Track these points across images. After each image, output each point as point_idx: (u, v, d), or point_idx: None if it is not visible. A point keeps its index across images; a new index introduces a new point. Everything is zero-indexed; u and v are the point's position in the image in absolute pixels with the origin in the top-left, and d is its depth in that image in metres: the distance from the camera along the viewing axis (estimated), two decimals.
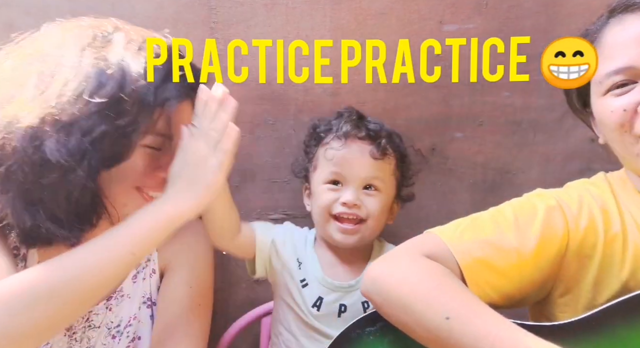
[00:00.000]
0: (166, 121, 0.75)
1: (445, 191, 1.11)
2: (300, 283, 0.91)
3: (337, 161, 0.90)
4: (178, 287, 0.85)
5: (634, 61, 0.68)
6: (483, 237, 0.72)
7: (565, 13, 1.03)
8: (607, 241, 0.72)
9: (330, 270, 0.94)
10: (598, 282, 0.73)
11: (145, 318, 0.85)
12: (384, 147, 0.91)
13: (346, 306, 0.91)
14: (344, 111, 0.98)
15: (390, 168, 0.93)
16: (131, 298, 0.85)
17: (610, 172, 0.80)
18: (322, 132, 0.96)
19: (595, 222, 0.73)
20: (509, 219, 0.74)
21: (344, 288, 0.92)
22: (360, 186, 0.90)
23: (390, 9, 1.04)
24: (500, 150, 1.09)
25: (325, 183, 0.92)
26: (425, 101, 1.07)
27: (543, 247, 0.72)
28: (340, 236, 0.90)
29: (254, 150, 1.08)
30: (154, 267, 0.87)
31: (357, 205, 0.89)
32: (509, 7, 1.03)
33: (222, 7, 1.03)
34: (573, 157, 1.08)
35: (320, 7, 1.04)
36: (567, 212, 0.74)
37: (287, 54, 1.08)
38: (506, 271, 0.71)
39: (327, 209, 0.90)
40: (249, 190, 1.11)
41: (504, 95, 1.07)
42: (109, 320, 0.82)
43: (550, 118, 1.07)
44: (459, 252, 0.71)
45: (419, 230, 0.78)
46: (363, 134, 0.92)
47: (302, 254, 0.94)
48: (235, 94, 1.08)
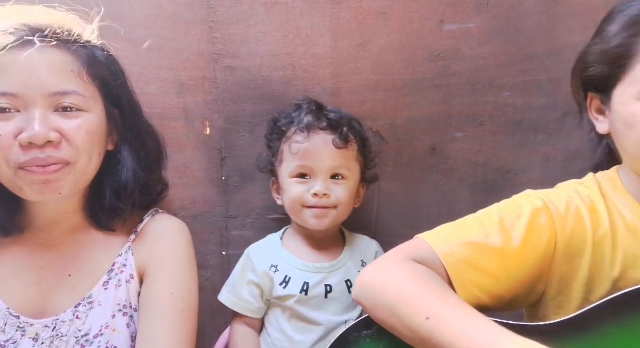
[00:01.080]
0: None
1: (445, 191, 1.11)
2: (280, 286, 0.94)
3: (303, 154, 0.93)
4: (159, 294, 0.82)
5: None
6: (467, 239, 0.73)
7: (566, 12, 1.03)
8: (596, 241, 0.73)
9: (307, 255, 0.98)
10: (589, 282, 0.73)
11: (122, 327, 0.81)
12: (346, 136, 0.93)
13: (331, 286, 0.95)
14: (302, 103, 0.99)
15: (353, 154, 0.96)
16: (102, 306, 0.81)
17: (600, 173, 0.80)
18: (284, 126, 0.97)
19: (584, 222, 0.74)
20: (494, 220, 0.74)
21: (326, 268, 0.96)
22: (328, 176, 0.94)
23: (391, 8, 1.04)
24: (500, 150, 1.09)
25: (293, 177, 0.95)
26: (425, 101, 1.07)
27: (528, 247, 0.72)
28: (313, 221, 0.94)
29: (254, 150, 1.08)
30: (132, 272, 0.84)
31: (327, 195, 0.93)
32: (510, 6, 1.03)
33: (221, 6, 1.03)
34: (574, 157, 1.07)
35: (320, 7, 1.04)
36: (554, 213, 0.74)
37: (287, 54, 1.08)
38: (491, 271, 0.72)
39: (299, 201, 0.94)
40: (249, 190, 1.11)
41: (504, 95, 1.06)
42: (76, 328, 0.79)
43: (551, 118, 1.07)
44: (443, 254, 0.72)
45: (419, 230, 0.78)
46: (324, 124, 0.94)
47: (275, 257, 0.97)
48: (235, 93, 1.08)
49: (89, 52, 0.78)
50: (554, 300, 0.76)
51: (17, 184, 0.74)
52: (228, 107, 1.07)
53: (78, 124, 0.75)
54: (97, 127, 0.78)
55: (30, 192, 0.74)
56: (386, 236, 1.12)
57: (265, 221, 1.12)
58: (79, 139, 0.75)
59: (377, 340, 0.71)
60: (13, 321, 0.77)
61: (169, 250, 0.86)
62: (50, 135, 0.72)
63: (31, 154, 0.71)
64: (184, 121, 1.06)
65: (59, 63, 0.74)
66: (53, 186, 0.74)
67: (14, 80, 0.71)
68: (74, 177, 0.76)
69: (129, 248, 0.85)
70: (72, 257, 0.83)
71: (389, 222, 1.12)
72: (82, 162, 0.76)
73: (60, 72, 0.74)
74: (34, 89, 0.72)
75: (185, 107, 1.06)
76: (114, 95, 0.81)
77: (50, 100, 0.73)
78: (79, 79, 0.75)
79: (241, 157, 1.10)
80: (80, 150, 0.75)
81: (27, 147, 0.71)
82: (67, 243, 0.84)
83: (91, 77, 0.77)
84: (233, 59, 1.05)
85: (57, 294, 0.81)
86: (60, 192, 0.75)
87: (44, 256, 0.82)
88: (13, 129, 0.71)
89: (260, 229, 1.13)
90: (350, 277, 0.97)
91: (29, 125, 0.71)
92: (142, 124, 0.87)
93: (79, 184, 0.78)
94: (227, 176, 1.10)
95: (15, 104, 0.72)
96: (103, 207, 0.83)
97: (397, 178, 1.11)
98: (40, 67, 0.72)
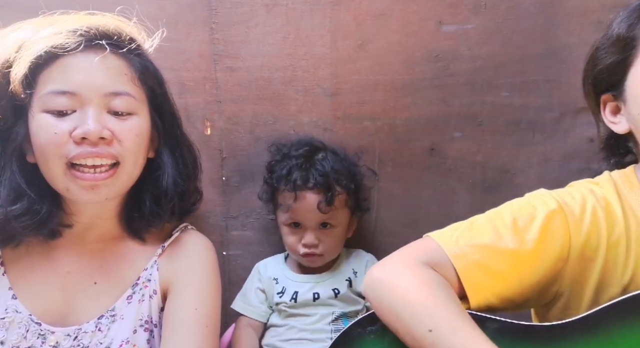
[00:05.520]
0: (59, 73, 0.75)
1: (444, 191, 1.12)
2: (277, 295, 1.04)
3: (293, 211, 1.00)
4: (183, 309, 0.82)
5: None
6: (479, 240, 0.72)
7: (562, 14, 1.04)
8: (610, 244, 0.71)
9: (301, 272, 1.07)
10: (600, 285, 0.72)
11: (142, 342, 0.81)
12: (331, 199, 0.98)
13: (319, 293, 1.03)
14: (295, 145, 1.04)
15: (341, 203, 1.02)
16: (124, 319, 0.81)
17: (616, 171, 0.78)
18: (275, 182, 1.02)
19: (598, 224, 0.72)
20: (507, 222, 0.73)
21: (315, 279, 1.05)
22: (317, 227, 1.01)
23: (390, 9, 1.05)
24: (499, 150, 1.10)
25: (286, 225, 1.03)
26: (424, 101, 1.08)
27: (541, 250, 0.71)
28: (307, 263, 1.04)
29: (254, 150, 1.09)
30: (155, 287, 0.84)
31: (315, 245, 1.01)
32: (508, 7, 1.04)
33: (222, 7, 1.04)
34: (572, 157, 1.08)
35: (320, 8, 1.04)
36: (568, 215, 0.72)
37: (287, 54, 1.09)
38: (504, 274, 0.71)
39: (293, 248, 1.03)
40: (249, 190, 1.11)
41: (502, 95, 1.07)
42: (97, 340, 0.79)
43: (549, 118, 1.07)
44: (455, 256, 0.71)
45: (419, 230, 0.78)
46: (311, 184, 0.99)
47: (277, 271, 1.07)
48: (235, 94, 1.09)
49: (141, 61, 0.81)
50: (564, 301, 0.75)
51: (64, 184, 0.75)
52: (228, 108, 1.08)
53: (129, 125, 0.77)
54: (145, 130, 0.80)
55: (77, 194, 0.75)
56: (385, 236, 1.13)
57: (265, 221, 1.13)
58: (128, 140, 0.77)
59: (381, 336, 0.71)
60: (35, 328, 0.78)
61: (195, 266, 0.87)
62: (103, 132, 0.74)
63: (82, 147, 0.73)
64: (185, 121, 1.05)
65: (117, 68, 0.77)
66: (100, 190, 0.76)
67: (74, 80, 0.74)
68: (121, 180, 0.78)
69: (155, 262, 0.85)
70: (100, 265, 0.83)
71: (388, 222, 1.13)
72: (128, 164, 0.78)
73: (116, 75, 0.77)
74: (91, 89, 0.75)
75: (186, 108, 1.06)
76: (158, 103, 0.84)
77: (105, 100, 0.75)
78: (131, 82, 0.78)
79: (241, 157, 1.10)
80: (130, 152, 0.77)
81: (79, 142, 0.73)
82: (96, 251, 0.84)
83: (141, 83, 0.80)
84: (233, 59, 1.06)
85: (81, 302, 0.81)
86: (107, 197, 0.78)
87: (73, 261, 0.82)
88: (68, 127, 0.73)
89: (260, 229, 1.13)
90: (338, 285, 1.04)
91: (83, 122, 0.73)
92: (180, 133, 0.89)
93: (123, 187, 0.80)
94: (227, 176, 1.11)
95: (73, 103, 0.74)
96: (142, 213, 0.84)
97: (396, 178, 1.11)
98: (99, 70, 0.76)
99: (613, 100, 0.76)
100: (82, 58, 0.75)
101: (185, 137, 0.91)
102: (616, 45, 0.73)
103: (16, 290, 0.79)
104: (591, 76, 0.79)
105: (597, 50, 0.77)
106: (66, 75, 0.74)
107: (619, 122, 0.76)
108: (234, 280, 1.13)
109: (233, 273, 1.13)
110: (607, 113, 0.78)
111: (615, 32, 0.73)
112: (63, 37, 0.74)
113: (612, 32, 0.74)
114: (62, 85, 0.74)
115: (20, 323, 0.77)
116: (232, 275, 1.13)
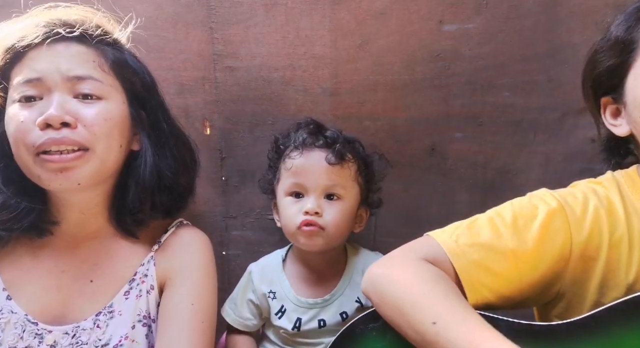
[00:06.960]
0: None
1: (445, 191, 1.11)
2: (276, 316, 0.96)
3: (296, 170, 0.91)
4: (180, 304, 0.82)
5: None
6: (479, 239, 0.72)
7: (565, 13, 1.03)
8: (613, 244, 0.71)
9: (303, 288, 0.97)
10: (603, 285, 0.72)
11: (141, 338, 0.82)
12: (339, 152, 0.91)
13: (325, 320, 0.95)
14: (302, 122, 0.99)
15: (350, 174, 0.93)
16: (122, 315, 0.81)
17: (619, 171, 0.78)
18: (282, 145, 0.97)
19: (601, 224, 0.72)
20: (507, 221, 0.73)
21: (319, 304, 0.95)
22: (322, 195, 0.91)
23: (390, 9, 1.04)
24: (500, 151, 1.09)
25: (288, 195, 0.93)
26: (424, 101, 1.07)
27: (541, 249, 0.71)
28: (304, 240, 0.91)
29: (254, 150, 1.08)
30: (152, 283, 0.84)
31: (318, 213, 0.90)
32: (509, 7, 1.03)
33: (221, 7, 1.04)
34: (573, 157, 1.07)
35: (319, 7, 1.04)
36: (569, 215, 0.73)
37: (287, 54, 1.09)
38: (502, 272, 0.71)
39: (293, 221, 0.91)
40: (248, 190, 1.11)
41: (504, 95, 1.07)
42: (96, 337, 0.79)
43: (551, 118, 1.06)
44: (454, 255, 0.71)
45: (419, 230, 0.78)
46: (320, 142, 0.93)
47: (274, 281, 0.98)
48: (235, 93, 1.09)
49: (114, 51, 0.81)
50: (567, 300, 0.75)
51: (36, 172, 0.75)
52: (228, 107, 1.08)
53: (96, 110, 0.77)
54: (116, 115, 0.79)
55: (48, 180, 0.75)
56: (386, 236, 1.13)
57: (265, 221, 1.12)
58: (95, 125, 0.76)
59: (382, 333, 0.71)
60: (31, 328, 0.78)
61: (192, 261, 0.87)
62: (65, 117, 0.74)
63: (47, 134, 0.73)
64: (184, 121, 1.06)
65: (82, 55, 0.78)
66: (70, 174, 0.74)
67: (39, 68, 0.75)
68: (93, 165, 0.76)
69: (152, 258, 0.86)
70: (94, 263, 0.83)
71: (388, 222, 1.12)
72: (100, 149, 0.77)
73: (82, 62, 0.77)
74: (54, 72, 0.75)
75: (186, 107, 1.06)
76: (141, 97, 0.83)
77: (69, 84, 0.76)
78: (99, 68, 0.78)
79: (241, 157, 1.10)
80: (98, 136, 0.76)
81: (43, 128, 0.73)
82: (90, 248, 0.84)
83: (114, 72, 0.80)
84: (233, 59, 1.06)
85: (78, 300, 0.81)
86: (79, 181, 0.76)
87: (66, 260, 0.82)
88: (34, 115, 0.74)
89: (260, 229, 1.13)
90: (346, 308, 0.95)
91: (47, 109, 0.74)
92: (169, 126, 0.88)
93: (98, 175, 0.78)
94: (227, 176, 1.11)
95: (40, 91, 0.75)
96: (127, 207, 0.84)
97: (397, 178, 1.10)
98: (63, 57, 0.76)
99: (613, 103, 0.76)
100: (47, 49, 0.76)
101: (178, 130, 0.90)
102: (615, 48, 0.73)
103: (10, 290, 0.79)
104: (590, 79, 0.79)
105: (596, 53, 0.76)
106: (32, 66, 0.76)
107: (619, 125, 0.75)
108: (233, 280, 1.12)
109: (232, 273, 1.12)
110: (607, 116, 0.77)
111: (614, 35, 0.73)
112: (27, 32, 0.75)
113: (610, 35, 0.74)
114: (28, 74, 0.75)
115: (16, 323, 0.77)
116: (232, 275, 1.12)
